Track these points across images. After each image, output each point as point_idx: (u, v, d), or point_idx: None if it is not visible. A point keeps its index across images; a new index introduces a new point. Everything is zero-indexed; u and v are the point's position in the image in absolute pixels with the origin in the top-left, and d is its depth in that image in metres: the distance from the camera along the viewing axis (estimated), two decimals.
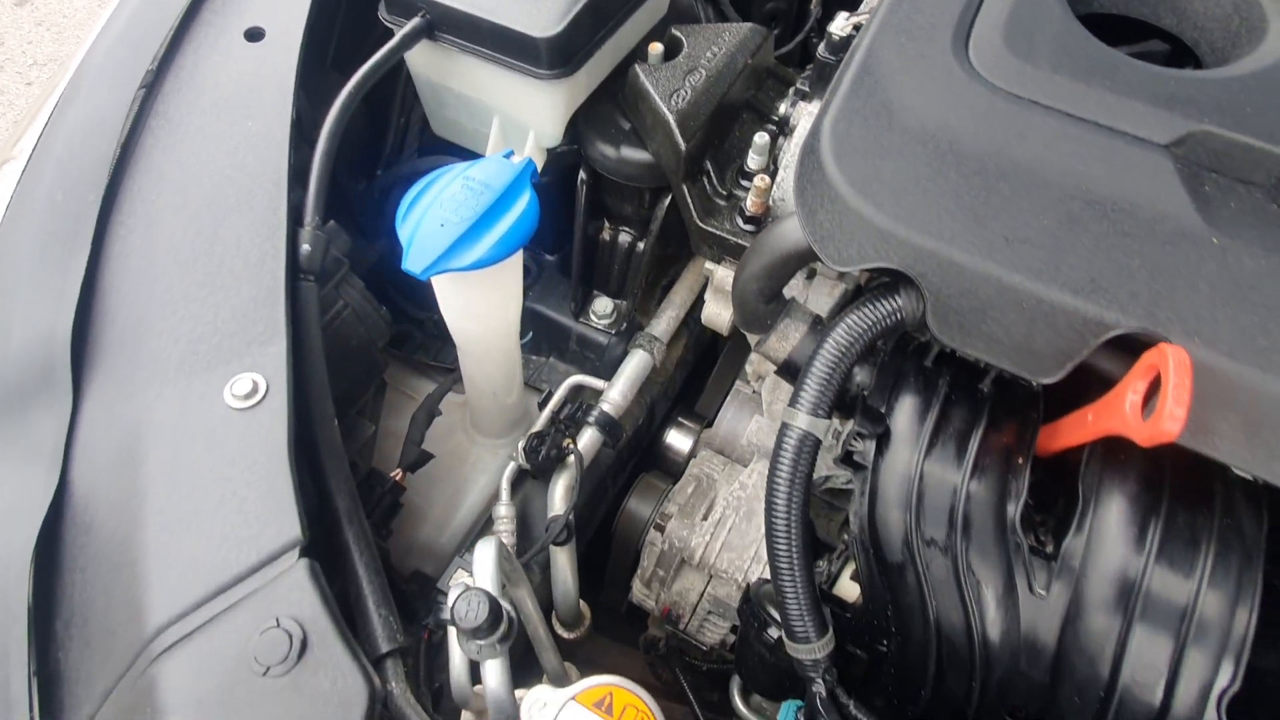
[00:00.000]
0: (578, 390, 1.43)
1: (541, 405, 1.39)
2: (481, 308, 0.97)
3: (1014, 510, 0.74)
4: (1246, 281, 0.65)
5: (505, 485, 1.29)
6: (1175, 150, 0.70)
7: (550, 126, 1.12)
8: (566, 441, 1.16)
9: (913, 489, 0.74)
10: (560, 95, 1.07)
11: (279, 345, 0.77)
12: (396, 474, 1.11)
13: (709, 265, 1.13)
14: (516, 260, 0.97)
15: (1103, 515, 0.71)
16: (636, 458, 1.61)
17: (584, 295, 1.40)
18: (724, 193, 1.07)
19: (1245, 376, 0.62)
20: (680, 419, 1.64)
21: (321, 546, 0.75)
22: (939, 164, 0.74)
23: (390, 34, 1.11)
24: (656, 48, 1.10)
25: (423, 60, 1.16)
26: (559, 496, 1.22)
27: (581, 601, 1.43)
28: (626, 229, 1.34)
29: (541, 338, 1.49)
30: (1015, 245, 0.70)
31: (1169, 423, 0.58)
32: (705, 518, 1.26)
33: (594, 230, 1.36)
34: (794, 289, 1.09)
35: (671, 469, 1.57)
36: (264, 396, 0.74)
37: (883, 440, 0.77)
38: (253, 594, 0.60)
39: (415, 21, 1.08)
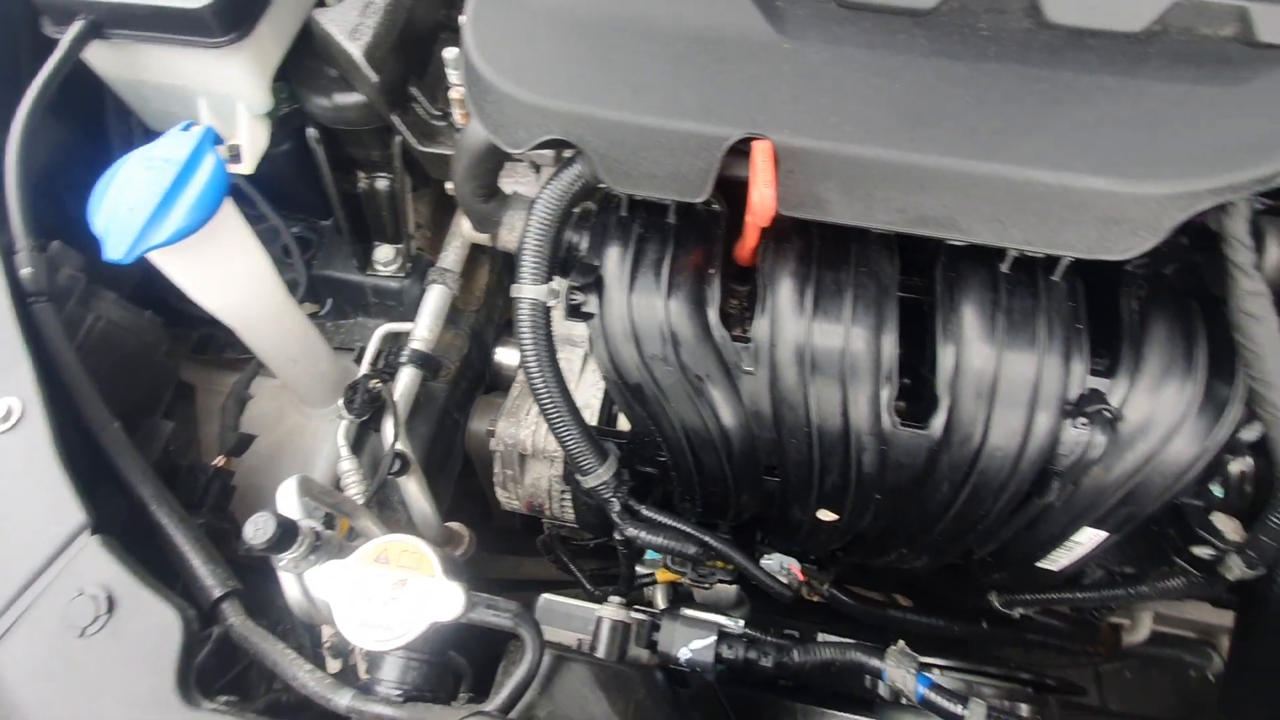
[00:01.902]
0: (392, 338, 1.50)
1: (360, 362, 1.46)
2: (217, 278, 1.01)
3: (713, 314, 0.88)
4: (815, 74, 0.79)
5: (341, 442, 1.36)
6: None
7: (254, 92, 1.15)
8: (374, 384, 1.24)
9: (630, 320, 0.87)
10: (246, 59, 1.09)
11: (24, 367, 0.81)
12: (219, 461, 1.16)
13: (448, 185, 1.21)
14: (229, 225, 1.01)
15: (775, 295, 0.87)
16: (482, 385, 1.71)
17: (363, 249, 1.45)
18: (438, 113, 1.14)
19: (828, 150, 0.77)
20: (507, 336, 1.74)
21: (131, 527, 0.82)
22: (568, 36, 0.84)
23: None
24: None
25: (105, 61, 1.15)
26: (388, 434, 1.31)
27: (458, 525, 1.55)
28: (381, 174, 1.39)
29: (342, 300, 1.54)
30: (642, 92, 0.81)
31: (761, 201, 0.73)
32: (529, 413, 1.39)
33: (350, 183, 1.40)
34: (527, 184, 1.18)
35: (507, 384, 1.68)
36: (21, 417, 0.78)
37: (600, 287, 0.89)
38: (57, 577, 0.67)
39: (77, 26, 1.07)
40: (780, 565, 1.09)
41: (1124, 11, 0.78)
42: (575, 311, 0.89)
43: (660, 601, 1.63)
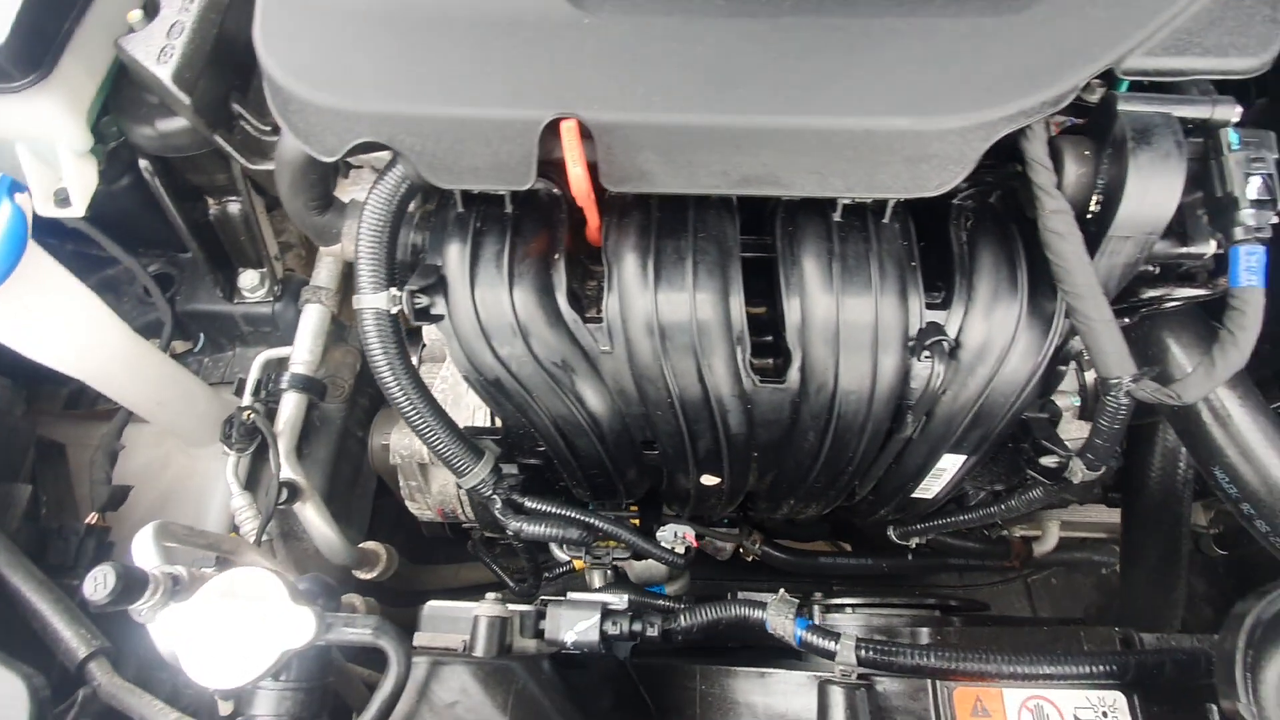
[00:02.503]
0: (274, 364, 1.45)
1: (241, 394, 1.41)
2: (40, 331, 0.96)
3: (562, 298, 0.88)
4: (619, 46, 0.79)
5: (231, 479, 1.32)
6: None
7: (71, 131, 1.09)
8: (247, 415, 1.20)
9: (476, 316, 0.86)
10: (55, 98, 1.03)
11: None
12: (92, 518, 1.12)
13: None
14: (42, 274, 0.96)
15: (620, 271, 0.87)
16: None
17: (226, 277, 1.40)
18: (267, 128, 1.10)
19: (640, 122, 0.77)
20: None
21: None
22: (366, 32, 0.82)
23: None
24: (134, 14, 1.07)
25: None
26: (273, 465, 1.27)
27: (375, 545, 1.52)
28: (231, 198, 1.34)
29: (214, 333, 1.48)
30: (449, 84, 0.80)
31: (575, 181, 0.73)
32: None
33: (200, 211, 1.34)
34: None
35: None
36: None
37: (443, 287, 0.88)
38: None
39: None
40: (675, 535, 1.11)
41: None
42: (423, 315, 0.87)
43: (596, 582, 1.64)
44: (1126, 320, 0.97)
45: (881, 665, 0.80)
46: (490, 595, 0.83)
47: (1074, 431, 1.09)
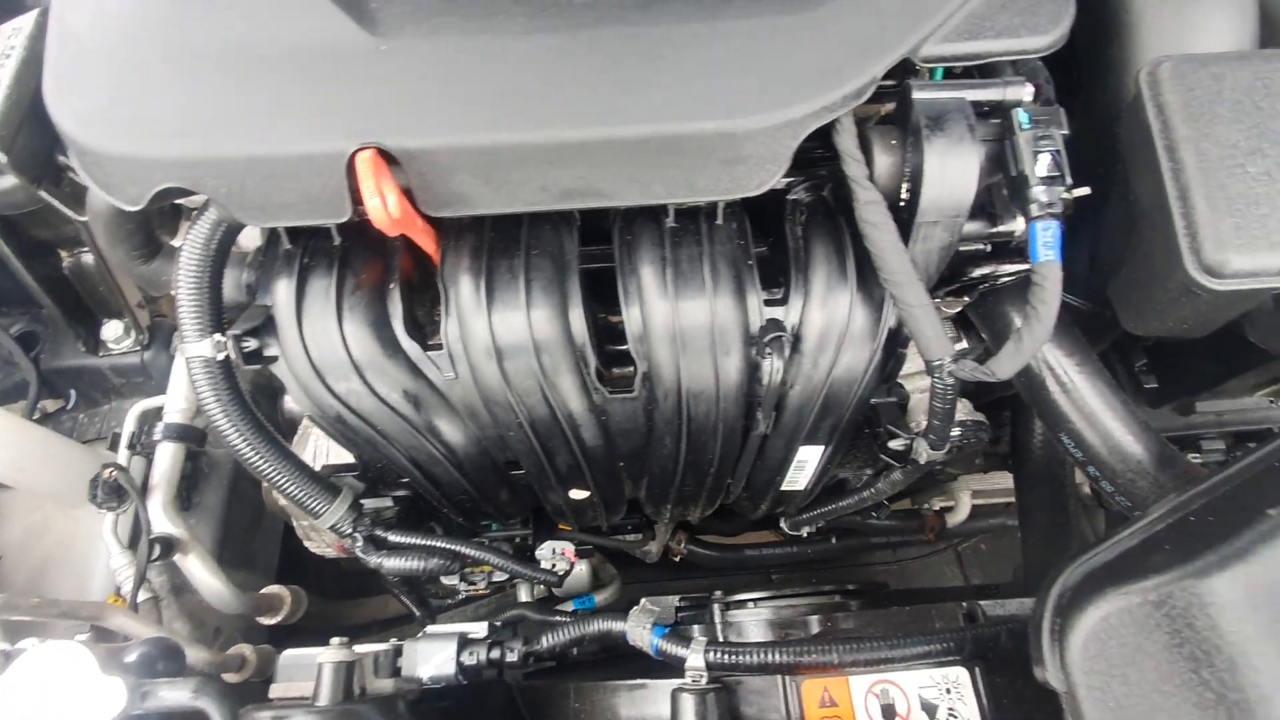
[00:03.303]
0: (150, 415, 1.41)
1: (118, 448, 1.36)
2: None
3: (399, 328, 0.86)
4: (420, 71, 0.78)
5: (109, 538, 1.27)
6: None
7: None
8: (108, 472, 1.16)
9: (307, 355, 0.84)
10: None
11: None
12: None
13: None
14: None
15: (457, 294, 0.86)
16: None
17: (89, 330, 1.35)
18: None
19: (447, 146, 0.76)
20: None
21: None
22: (157, 73, 0.79)
23: None
24: None
25: None
26: (150, 519, 1.23)
27: (278, 588, 1.48)
28: (83, 249, 1.29)
29: (85, 388, 1.43)
30: (248, 122, 0.77)
31: (374, 213, 0.71)
32: (304, 451, 1.34)
33: (53, 266, 1.29)
34: None
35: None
36: None
37: (273, 327, 0.86)
38: None
39: None
40: (553, 552, 1.10)
41: None
42: (254, 358, 0.85)
43: (524, 596, 1.62)
44: (968, 298, 0.99)
45: (729, 667, 0.81)
46: (335, 640, 0.81)
47: None
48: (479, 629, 0.87)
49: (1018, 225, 0.82)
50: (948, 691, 0.78)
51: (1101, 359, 1.29)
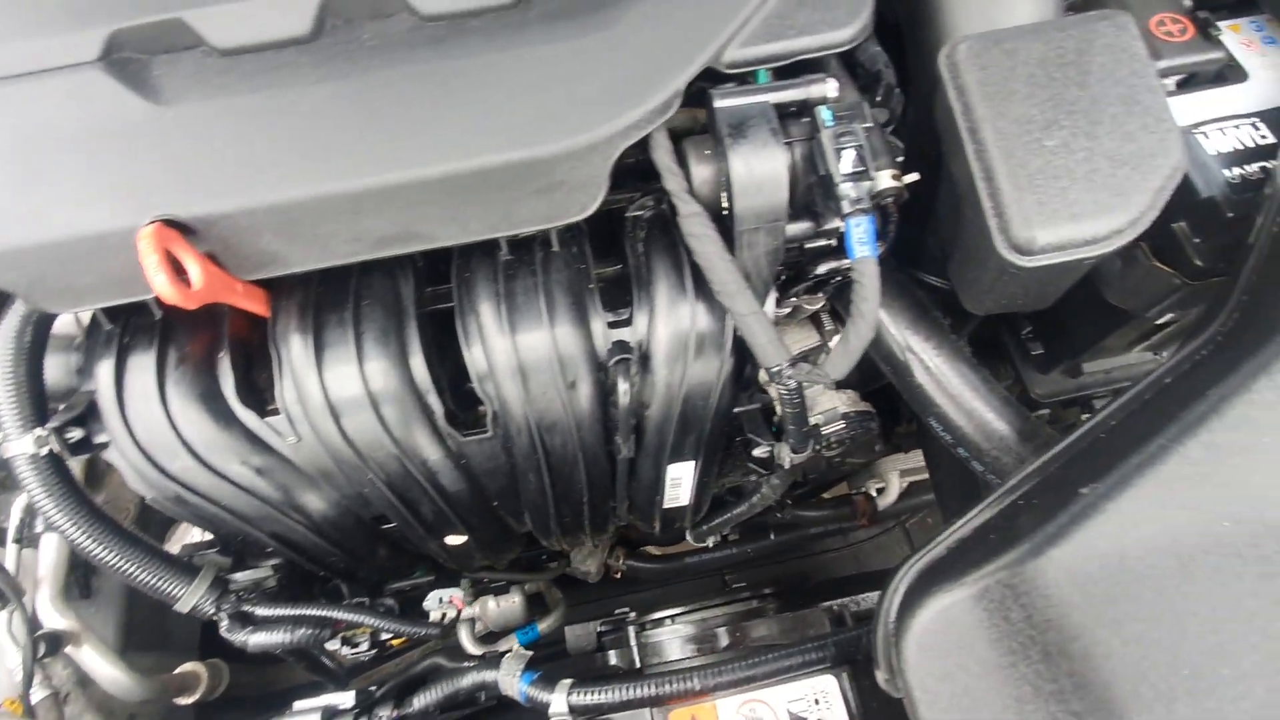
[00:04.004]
0: (32, 506, 1.36)
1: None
2: None
3: (231, 398, 0.83)
4: (207, 135, 0.75)
5: (4, 638, 1.22)
6: (109, 59, 0.77)
7: None
8: None
9: (133, 437, 0.81)
10: None
11: None
12: None
13: None
14: None
15: (289, 354, 0.83)
16: None
17: None
18: None
19: (244, 208, 0.74)
20: None
21: None
22: None
23: None
24: None
25: None
26: (41, 611, 1.19)
27: (193, 665, 1.44)
28: None
29: None
30: (36, 206, 0.74)
31: (160, 290, 0.68)
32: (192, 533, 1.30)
33: None
34: None
35: None
36: None
37: (97, 413, 0.82)
38: None
39: None
40: (440, 600, 1.08)
41: None
42: (82, 447, 0.81)
43: (464, 639, 1.59)
44: (823, 296, 0.99)
45: (593, 709, 0.79)
46: None
47: (825, 403, 1.11)
48: (347, 699, 0.84)
49: (840, 223, 0.81)
50: (816, 702, 0.77)
51: (988, 330, 1.31)
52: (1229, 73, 0.94)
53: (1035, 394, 1.30)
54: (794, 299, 0.98)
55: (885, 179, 0.86)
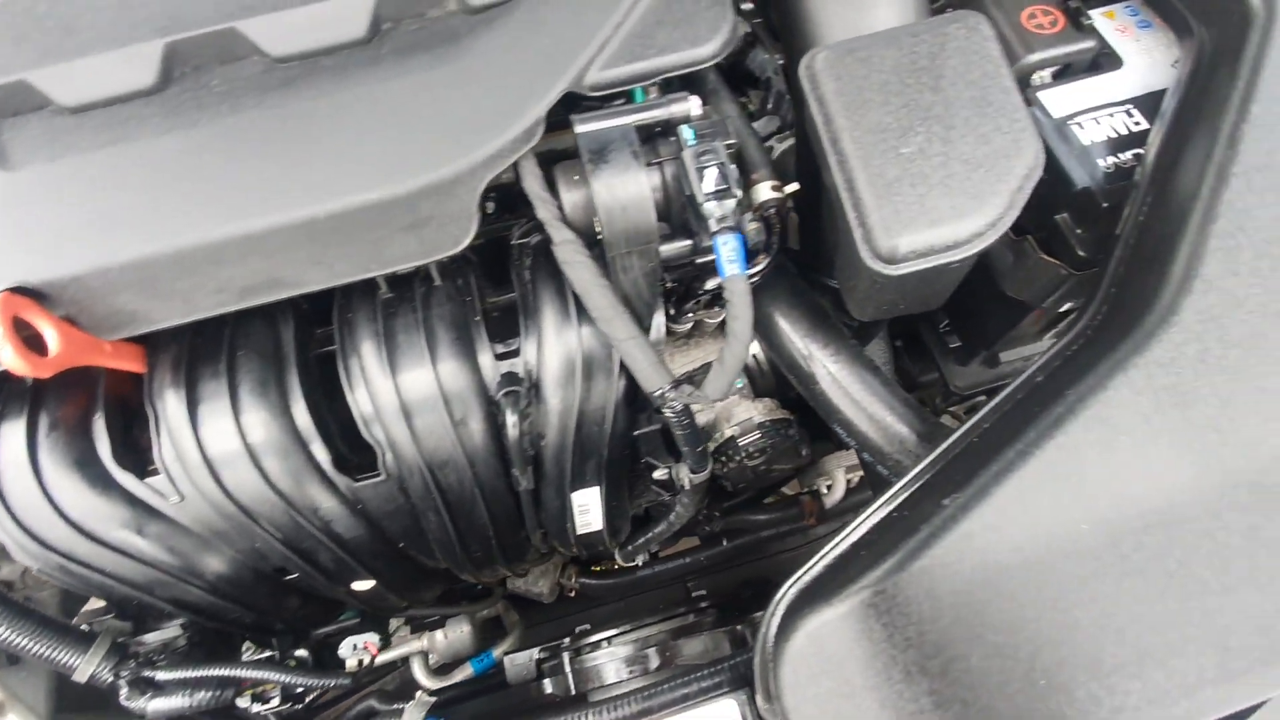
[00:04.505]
0: None
1: None
2: None
3: (108, 461, 0.81)
4: (55, 198, 0.73)
5: None
6: None
7: None
8: None
9: (7, 508, 0.78)
10: None
11: None
12: None
13: None
14: None
15: (164, 412, 0.80)
16: None
17: None
18: None
19: (97, 267, 0.71)
20: None
21: None
22: None
23: None
24: None
25: None
26: None
27: None
28: None
29: None
30: None
31: (7, 361, 0.66)
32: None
33: None
34: None
35: None
36: None
37: None
38: None
39: None
40: (354, 647, 1.06)
41: (339, 21, 0.77)
42: None
43: (418, 673, 1.57)
44: (719, 310, 0.98)
45: None
46: None
47: (741, 414, 1.11)
48: None
49: None
50: None
51: (908, 325, 1.32)
52: (1104, 60, 0.95)
53: (956, 386, 1.31)
54: (691, 315, 0.97)
55: (764, 191, 0.86)
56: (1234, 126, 0.70)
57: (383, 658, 1.47)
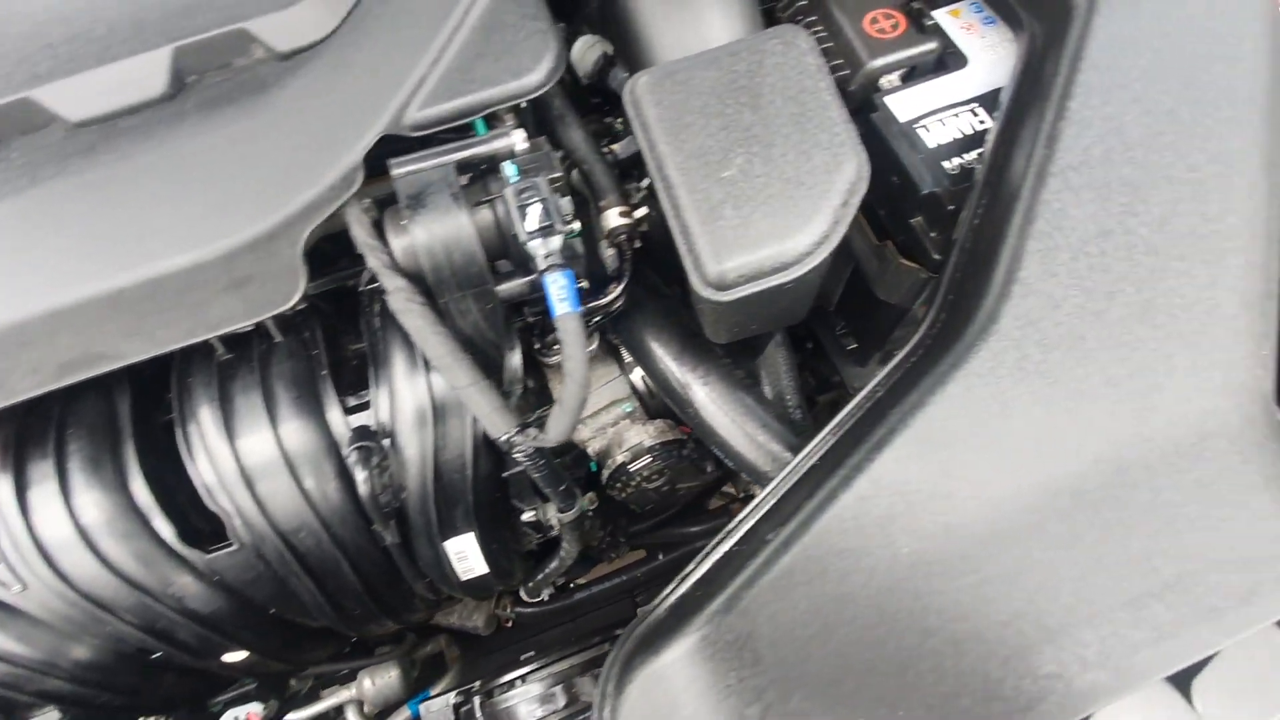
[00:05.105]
0: None
1: None
2: None
3: None
4: None
5: None
6: None
7: None
8: None
9: None
10: None
11: None
12: None
13: None
14: None
15: None
16: None
17: None
18: None
19: None
20: None
21: None
22: None
23: None
24: None
25: None
26: None
27: None
28: None
29: None
30: None
31: None
32: None
33: None
34: None
35: None
36: None
37: None
38: None
39: None
40: (235, 718, 1.02)
41: (138, 79, 0.74)
42: None
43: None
44: (596, 335, 0.97)
45: None
46: None
47: (632, 439, 1.09)
48: None
49: None
50: None
51: (806, 331, 1.31)
52: (950, 59, 0.95)
53: (854, 387, 1.30)
54: (559, 346, 0.95)
55: (613, 217, 0.85)
56: (1053, 124, 0.70)
57: (311, 711, 1.43)
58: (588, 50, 1.04)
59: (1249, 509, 0.56)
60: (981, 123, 0.88)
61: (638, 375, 1.10)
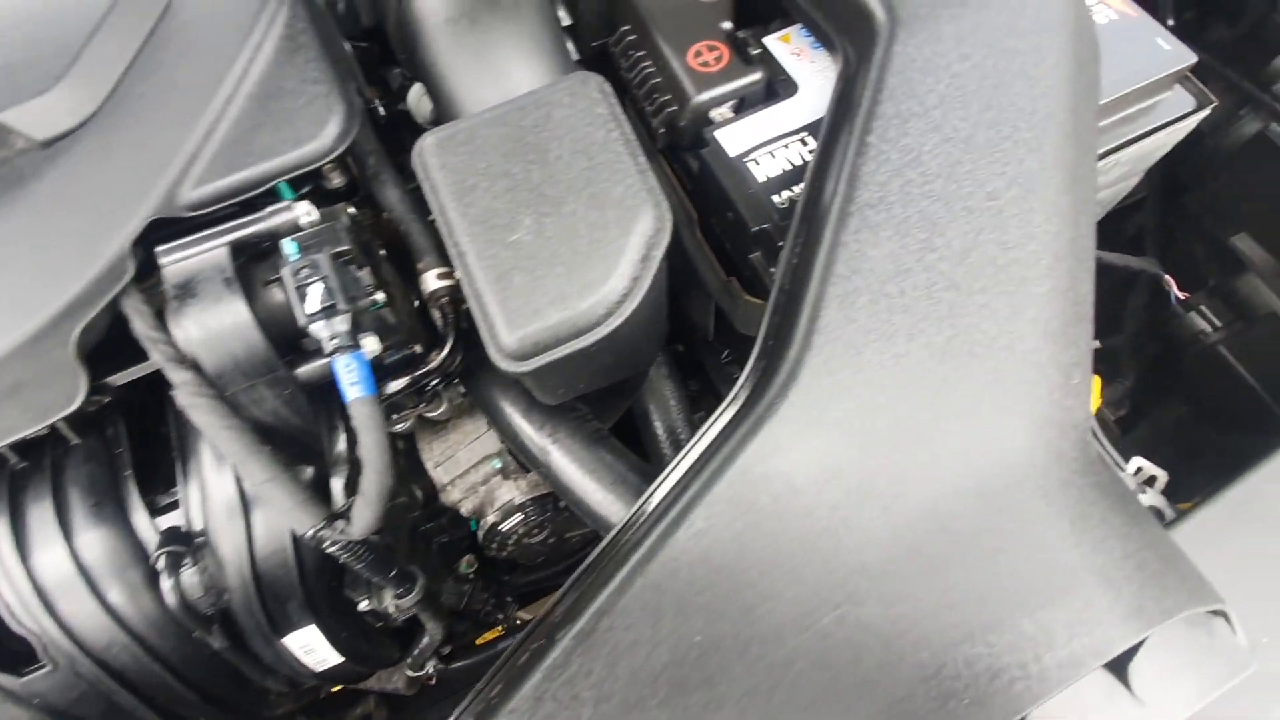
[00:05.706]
0: None
1: None
2: None
3: None
4: None
5: None
6: None
7: None
8: None
9: None
10: None
11: None
12: None
13: None
14: None
15: None
16: None
17: None
18: None
19: None
20: None
21: None
22: None
23: None
24: None
25: None
26: None
27: None
28: None
29: None
30: None
31: None
32: None
33: None
34: None
35: None
36: None
37: None
38: None
39: None
40: None
41: None
42: None
43: None
44: (444, 399, 0.92)
45: None
46: None
47: (503, 496, 1.04)
48: None
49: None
50: None
51: (691, 357, 1.27)
52: (781, 87, 0.92)
53: None
54: (408, 415, 0.90)
55: (431, 280, 0.80)
56: (854, 160, 0.67)
57: None
58: (422, 97, 1.00)
59: (1050, 551, 0.54)
60: (811, 152, 0.86)
61: None
